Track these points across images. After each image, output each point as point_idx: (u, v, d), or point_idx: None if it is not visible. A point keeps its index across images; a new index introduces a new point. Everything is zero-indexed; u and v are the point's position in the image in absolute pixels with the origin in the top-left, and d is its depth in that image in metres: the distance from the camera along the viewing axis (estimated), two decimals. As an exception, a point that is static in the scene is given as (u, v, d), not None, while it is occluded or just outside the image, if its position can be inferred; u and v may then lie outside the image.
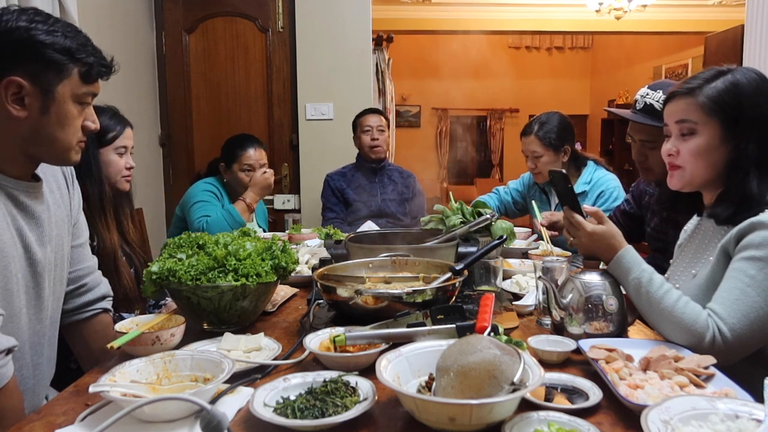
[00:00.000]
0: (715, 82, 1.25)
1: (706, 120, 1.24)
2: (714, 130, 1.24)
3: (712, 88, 1.24)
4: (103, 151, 1.83)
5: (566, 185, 1.33)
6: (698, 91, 1.25)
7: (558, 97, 9.69)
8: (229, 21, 3.84)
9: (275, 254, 1.35)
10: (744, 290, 1.14)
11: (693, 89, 1.26)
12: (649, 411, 0.82)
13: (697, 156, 1.26)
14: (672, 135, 1.30)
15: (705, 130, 1.24)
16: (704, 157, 1.25)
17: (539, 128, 2.56)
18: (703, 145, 1.25)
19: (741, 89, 1.23)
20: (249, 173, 2.64)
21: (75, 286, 1.41)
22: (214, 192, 2.63)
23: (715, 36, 5.52)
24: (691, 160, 1.26)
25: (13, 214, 1.17)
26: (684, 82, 1.30)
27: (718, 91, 1.23)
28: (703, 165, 1.26)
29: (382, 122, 3.23)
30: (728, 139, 1.23)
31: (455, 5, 6.59)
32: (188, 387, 1.01)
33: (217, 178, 2.74)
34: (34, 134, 1.15)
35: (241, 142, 2.71)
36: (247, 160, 2.65)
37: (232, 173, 2.67)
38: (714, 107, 1.23)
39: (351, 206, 3.18)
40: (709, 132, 1.24)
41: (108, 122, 1.84)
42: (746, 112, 1.22)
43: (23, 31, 1.10)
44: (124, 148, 1.89)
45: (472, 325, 1.11)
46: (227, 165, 2.69)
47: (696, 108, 1.25)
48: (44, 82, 1.13)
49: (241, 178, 2.64)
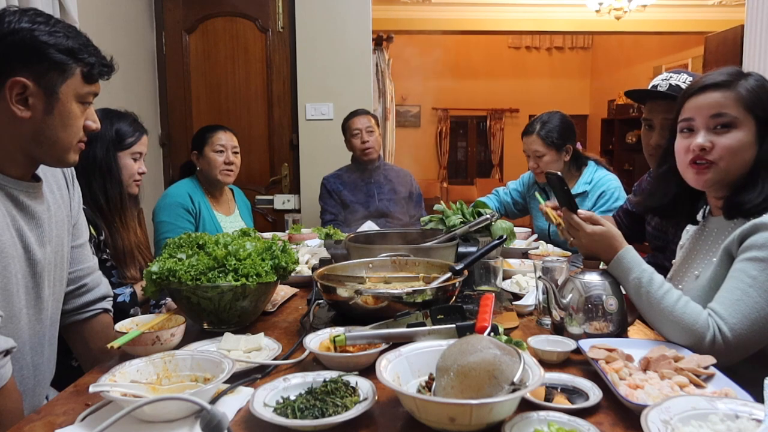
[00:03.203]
0: (745, 80, 1.22)
1: (745, 115, 1.21)
2: (750, 126, 1.22)
3: (747, 84, 1.22)
4: (120, 155, 1.90)
5: (562, 187, 1.33)
6: (735, 85, 1.22)
7: (558, 97, 9.70)
8: (229, 21, 3.85)
9: (275, 254, 1.35)
10: (746, 291, 1.14)
11: (730, 82, 1.22)
12: (649, 411, 0.82)
13: (735, 152, 1.21)
14: (700, 129, 1.24)
15: (744, 125, 1.21)
16: (741, 153, 1.21)
17: (541, 128, 2.55)
18: (742, 140, 1.21)
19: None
20: (221, 154, 2.64)
21: (75, 287, 1.41)
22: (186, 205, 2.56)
23: (715, 36, 5.52)
24: (728, 155, 1.22)
25: (13, 215, 1.18)
26: (704, 77, 1.26)
27: (754, 87, 1.21)
28: (739, 161, 1.22)
29: (370, 122, 3.19)
30: (760, 137, 1.22)
31: (455, 5, 6.59)
32: (188, 387, 1.01)
33: (192, 178, 2.72)
34: (36, 134, 1.16)
35: (209, 128, 2.73)
36: (218, 141, 2.64)
37: (204, 158, 2.65)
38: (753, 103, 1.21)
39: (348, 207, 3.17)
40: (747, 127, 1.21)
41: (127, 128, 1.92)
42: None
43: (26, 32, 1.11)
44: (139, 154, 1.96)
45: (472, 325, 1.11)
46: (199, 151, 2.68)
47: (735, 101, 1.21)
48: (48, 83, 1.13)
49: (213, 158, 2.62)
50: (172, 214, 2.55)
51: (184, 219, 2.54)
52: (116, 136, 1.89)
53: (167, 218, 2.54)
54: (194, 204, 2.57)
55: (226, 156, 2.64)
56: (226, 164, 2.64)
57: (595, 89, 10.47)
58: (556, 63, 10.52)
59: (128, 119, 1.95)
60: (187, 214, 2.55)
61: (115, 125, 1.89)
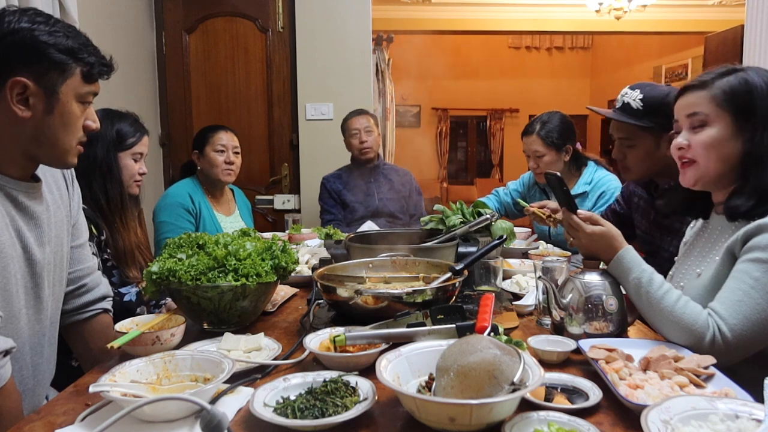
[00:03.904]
0: (727, 77, 1.25)
1: (718, 112, 1.24)
2: (725, 122, 1.23)
3: (724, 82, 1.25)
4: (121, 155, 1.90)
5: (562, 187, 1.33)
6: (710, 84, 1.25)
7: (558, 97, 9.70)
8: (229, 21, 3.85)
9: (275, 254, 1.35)
10: (747, 292, 1.14)
11: (705, 82, 1.27)
12: (649, 411, 0.82)
13: (708, 148, 1.24)
14: (682, 129, 1.30)
15: (716, 122, 1.24)
16: (716, 149, 1.24)
17: (541, 128, 2.55)
18: (714, 136, 1.24)
19: (753, 84, 1.23)
20: (222, 153, 2.64)
21: (75, 287, 1.41)
22: (186, 205, 2.57)
23: (715, 36, 5.52)
24: (703, 152, 1.25)
25: (12, 215, 1.17)
26: (696, 78, 1.31)
27: (730, 84, 1.24)
28: (715, 157, 1.24)
29: (369, 122, 3.19)
30: (740, 132, 1.23)
31: (455, 5, 6.59)
32: (188, 387, 1.01)
33: (192, 178, 2.73)
34: (37, 135, 1.15)
35: (210, 128, 2.73)
36: (219, 140, 2.65)
37: (205, 157, 2.65)
38: (726, 99, 1.23)
39: (348, 207, 3.17)
40: (721, 124, 1.24)
41: (128, 129, 1.92)
42: (759, 106, 1.22)
43: (26, 32, 1.10)
44: (140, 155, 1.96)
45: (472, 325, 1.11)
46: (200, 151, 2.68)
47: (708, 101, 1.25)
48: (48, 83, 1.13)
49: (213, 158, 2.62)
50: (172, 214, 2.55)
51: (184, 219, 2.54)
52: (117, 137, 1.88)
53: (167, 218, 2.54)
54: (194, 204, 2.58)
55: (227, 156, 2.64)
56: (227, 164, 2.65)
57: (595, 89, 10.47)
58: (556, 63, 10.52)
59: (129, 120, 1.95)
60: (187, 214, 2.55)
61: (116, 125, 1.89)
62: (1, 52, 1.10)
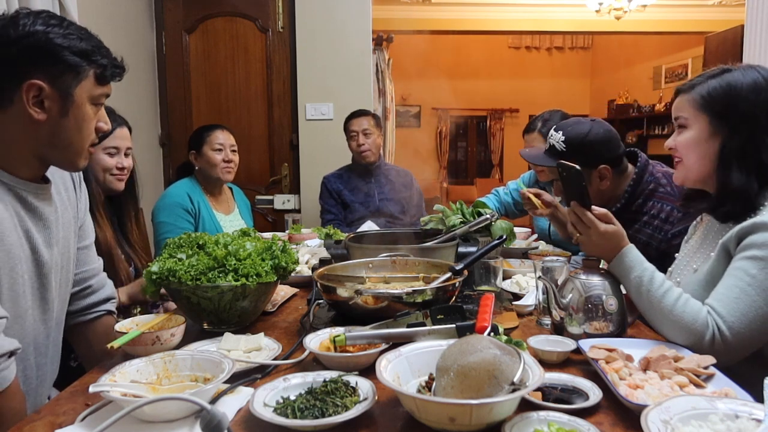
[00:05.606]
0: (711, 80, 1.30)
1: (696, 115, 1.31)
2: (703, 124, 1.30)
3: (706, 85, 1.30)
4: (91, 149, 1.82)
5: (580, 182, 1.28)
6: (694, 88, 1.32)
7: (558, 97, 9.70)
8: (229, 21, 3.85)
9: (275, 254, 1.35)
10: (744, 289, 1.15)
11: (692, 86, 1.33)
12: (649, 411, 0.82)
13: (687, 147, 1.32)
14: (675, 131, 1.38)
15: (694, 124, 1.31)
16: (694, 149, 1.31)
17: (542, 126, 2.56)
18: (691, 137, 1.31)
19: (735, 86, 1.26)
20: (220, 152, 2.64)
21: (80, 288, 1.41)
22: (185, 205, 2.56)
23: (715, 36, 5.52)
24: (685, 151, 1.34)
25: (21, 216, 1.18)
26: (687, 81, 1.37)
27: (710, 87, 1.29)
28: (694, 157, 1.32)
29: (368, 124, 3.17)
30: (717, 134, 1.28)
31: (455, 5, 6.59)
32: (188, 387, 1.01)
33: (191, 178, 2.72)
34: (51, 137, 1.16)
35: (206, 128, 2.73)
36: (216, 140, 2.65)
37: (202, 156, 2.65)
38: (703, 103, 1.29)
39: (349, 207, 3.17)
40: (698, 126, 1.31)
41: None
42: (736, 109, 1.25)
43: (41, 35, 1.10)
44: (115, 149, 1.87)
45: (472, 325, 1.11)
46: (197, 151, 2.68)
47: (689, 104, 1.32)
48: (63, 85, 1.13)
49: (212, 157, 2.62)
50: (171, 214, 2.55)
51: (183, 219, 2.54)
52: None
53: (167, 218, 2.54)
54: (193, 204, 2.58)
55: (225, 154, 2.65)
56: (226, 162, 2.65)
57: (595, 89, 10.47)
58: (556, 63, 10.52)
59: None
60: (186, 214, 2.55)
61: None
62: (17, 55, 1.10)
